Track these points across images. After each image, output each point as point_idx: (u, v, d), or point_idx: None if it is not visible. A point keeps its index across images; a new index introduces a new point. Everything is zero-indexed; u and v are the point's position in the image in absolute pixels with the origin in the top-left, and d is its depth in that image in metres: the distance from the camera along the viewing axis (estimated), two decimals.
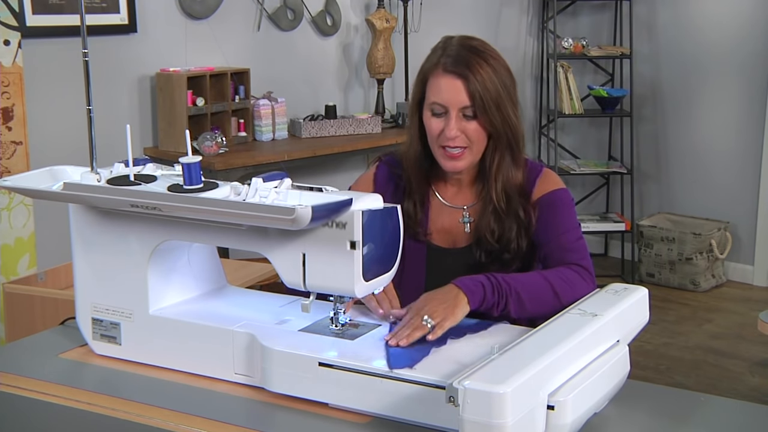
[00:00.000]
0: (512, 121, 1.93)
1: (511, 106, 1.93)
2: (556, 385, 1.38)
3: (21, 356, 1.84)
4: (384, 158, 2.12)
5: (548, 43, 5.43)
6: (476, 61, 1.90)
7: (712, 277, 5.10)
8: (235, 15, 4.23)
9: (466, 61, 1.90)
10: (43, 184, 1.73)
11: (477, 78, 1.88)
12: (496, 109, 1.90)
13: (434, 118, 1.94)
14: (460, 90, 1.89)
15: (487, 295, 1.76)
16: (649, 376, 3.90)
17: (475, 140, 1.92)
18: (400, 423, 1.49)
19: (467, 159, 1.95)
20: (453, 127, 1.90)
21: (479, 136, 1.92)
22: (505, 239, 1.96)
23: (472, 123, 1.91)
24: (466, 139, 1.92)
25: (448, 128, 1.91)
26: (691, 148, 5.31)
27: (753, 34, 4.99)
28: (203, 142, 3.77)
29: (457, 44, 1.94)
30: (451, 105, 1.91)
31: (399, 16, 4.76)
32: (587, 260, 1.92)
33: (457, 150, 1.93)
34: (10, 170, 3.20)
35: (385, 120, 4.59)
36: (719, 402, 1.68)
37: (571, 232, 1.95)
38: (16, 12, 3.24)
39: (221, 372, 1.67)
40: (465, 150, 1.93)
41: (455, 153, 1.93)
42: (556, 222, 1.95)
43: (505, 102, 1.91)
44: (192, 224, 1.66)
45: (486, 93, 1.88)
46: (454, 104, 1.90)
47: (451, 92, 1.90)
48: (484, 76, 1.89)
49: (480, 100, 1.88)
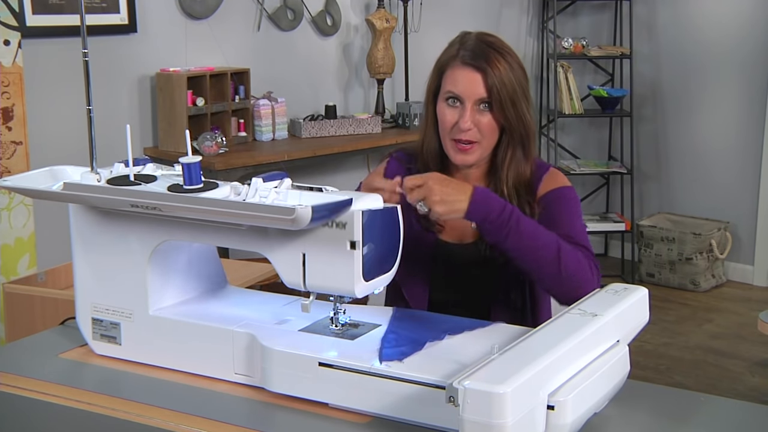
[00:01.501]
0: (526, 118, 1.95)
1: (525, 103, 1.95)
2: (556, 385, 1.38)
3: (21, 356, 1.84)
4: (395, 153, 2.13)
5: (548, 43, 5.43)
6: (494, 56, 1.92)
7: (712, 277, 5.10)
8: (235, 15, 4.23)
9: (485, 54, 1.92)
10: (43, 184, 1.73)
11: (495, 72, 1.91)
12: (511, 104, 1.92)
13: (449, 109, 1.95)
14: (478, 82, 1.91)
15: (492, 210, 1.78)
16: (649, 376, 3.90)
17: (487, 134, 1.94)
18: (400, 423, 1.49)
19: (477, 153, 1.96)
20: (468, 119, 1.92)
21: (491, 130, 1.94)
22: None
23: (486, 116, 1.93)
24: (478, 133, 1.94)
25: (463, 120, 1.92)
26: (691, 148, 5.31)
27: (753, 34, 4.99)
28: (203, 142, 3.77)
29: (476, 39, 1.97)
30: (467, 96, 1.92)
31: (399, 16, 4.76)
32: (592, 255, 1.92)
33: (468, 144, 1.95)
34: (10, 170, 3.20)
35: (385, 120, 4.59)
36: (719, 402, 1.68)
37: (575, 227, 1.95)
38: (16, 12, 3.24)
39: (221, 372, 1.67)
40: (475, 144, 1.95)
41: (466, 147, 1.95)
42: (561, 218, 1.96)
43: (519, 98, 1.93)
44: (192, 224, 1.66)
45: (503, 87, 1.91)
46: (471, 96, 1.92)
47: (468, 84, 1.92)
48: (502, 71, 1.91)
49: (497, 94, 1.91)
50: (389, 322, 1.73)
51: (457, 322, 1.75)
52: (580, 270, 1.83)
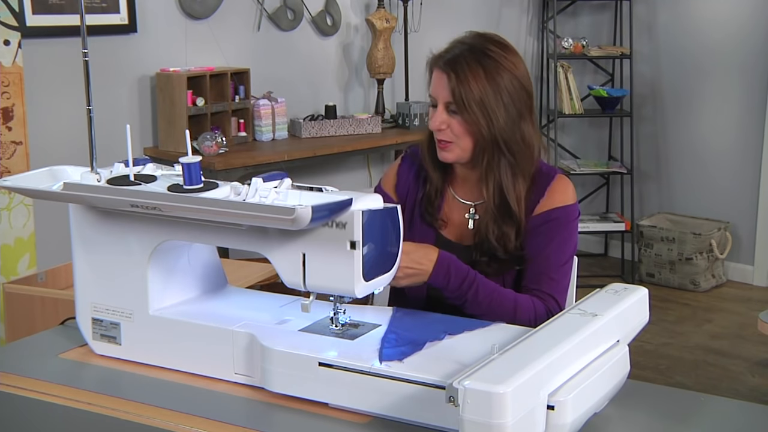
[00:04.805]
0: (499, 128, 1.93)
1: (503, 113, 1.93)
2: (556, 385, 1.38)
3: (21, 356, 1.84)
4: (408, 150, 2.18)
5: (548, 43, 5.43)
6: (469, 61, 1.93)
7: (712, 277, 5.10)
8: (235, 15, 4.23)
9: (458, 59, 1.94)
10: (43, 184, 1.73)
11: (462, 77, 1.92)
12: (479, 111, 1.92)
13: (431, 109, 2.02)
14: (444, 85, 1.95)
15: (452, 281, 1.87)
16: (649, 376, 3.90)
17: (459, 135, 1.96)
18: (400, 423, 1.50)
19: (455, 152, 1.98)
20: (436, 119, 1.97)
21: (462, 133, 1.96)
22: (503, 241, 1.97)
23: (456, 119, 1.96)
24: (451, 134, 1.97)
25: (431, 119, 1.99)
26: (691, 148, 5.31)
27: (753, 34, 4.99)
28: (203, 142, 3.77)
29: (464, 41, 1.99)
30: (437, 98, 1.98)
31: (399, 16, 4.76)
32: (561, 293, 1.96)
33: (445, 142, 1.98)
34: (10, 170, 3.20)
35: (385, 120, 4.59)
36: (719, 402, 1.68)
37: (556, 256, 1.97)
38: (16, 12, 3.24)
39: (221, 372, 1.67)
40: (451, 144, 1.98)
41: (443, 145, 1.99)
42: (550, 243, 1.97)
43: (493, 106, 1.92)
44: (192, 224, 1.66)
45: (468, 93, 1.92)
46: (440, 98, 1.97)
47: (437, 86, 1.97)
48: (471, 76, 1.92)
49: (461, 99, 1.92)
50: (389, 322, 1.73)
51: (457, 322, 1.75)
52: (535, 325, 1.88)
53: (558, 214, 1.98)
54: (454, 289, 1.88)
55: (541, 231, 1.97)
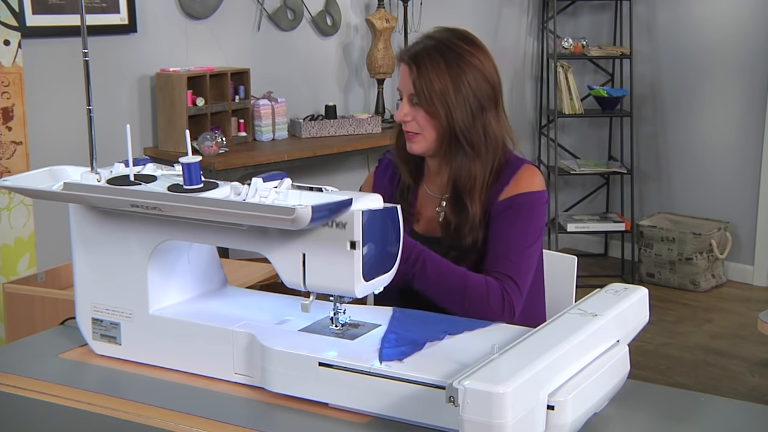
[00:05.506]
0: (458, 120, 1.97)
1: (463, 105, 1.97)
2: (556, 385, 1.38)
3: (21, 356, 1.84)
4: (387, 153, 2.23)
5: (548, 43, 5.43)
6: (431, 54, 1.98)
7: (712, 277, 5.10)
8: (235, 15, 4.23)
9: (420, 52, 2.00)
10: (43, 184, 1.73)
11: (422, 69, 1.98)
12: (440, 104, 1.97)
13: (399, 102, 2.07)
14: (407, 78, 2.01)
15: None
16: (649, 376, 3.90)
17: (424, 127, 2.01)
18: (400, 423, 1.50)
19: (421, 144, 2.03)
20: (401, 110, 2.03)
21: (426, 124, 2.00)
22: (461, 232, 2.00)
23: (420, 110, 2.00)
24: (417, 126, 2.02)
25: (397, 111, 2.04)
26: (691, 148, 5.31)
27: (753, 34, 4.99)
28: (203, 142, 3.77)
29: (431, 36, 2.04)
30: (402, 90, 2.04)
31: (399, 16, 4.76)
32: (521, 276, 1.95)
33: (411, 133, 2.03)
34: (10, 170, 3.20)
35: (385, 120, 4.59)
36: (719, 402, 1.68)
37: (517, 240, 1.97)
38: (16, 12, 3.24)
39: (221, 372, 1.67)
40: (418, 135, 2.03)
41: (410, 136, 2.04)
42: (510, 229, 1.98)
43: (453, 98, 1.96)
44: (192, 224, 1.66)
45: (429, 85, 1.97)
46: (405, 90, 2.03)
47: (403, 78, 2.04)
48: (432, 69, 1.97)
49: (421, 91, 1.98)
50: (389, 322, 1.73)
51: (458, 322, 1.75)
52: (485, 308, 1.90)
53: (522, 199, 2.00)
54: (401, 261, 1.82)
55: (504, 216, 1.99)
